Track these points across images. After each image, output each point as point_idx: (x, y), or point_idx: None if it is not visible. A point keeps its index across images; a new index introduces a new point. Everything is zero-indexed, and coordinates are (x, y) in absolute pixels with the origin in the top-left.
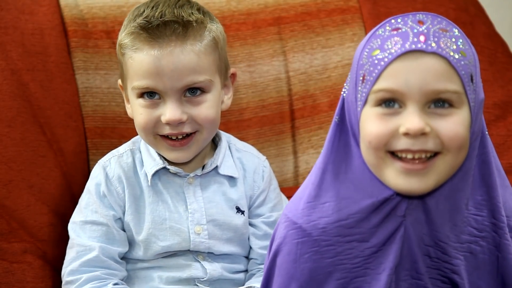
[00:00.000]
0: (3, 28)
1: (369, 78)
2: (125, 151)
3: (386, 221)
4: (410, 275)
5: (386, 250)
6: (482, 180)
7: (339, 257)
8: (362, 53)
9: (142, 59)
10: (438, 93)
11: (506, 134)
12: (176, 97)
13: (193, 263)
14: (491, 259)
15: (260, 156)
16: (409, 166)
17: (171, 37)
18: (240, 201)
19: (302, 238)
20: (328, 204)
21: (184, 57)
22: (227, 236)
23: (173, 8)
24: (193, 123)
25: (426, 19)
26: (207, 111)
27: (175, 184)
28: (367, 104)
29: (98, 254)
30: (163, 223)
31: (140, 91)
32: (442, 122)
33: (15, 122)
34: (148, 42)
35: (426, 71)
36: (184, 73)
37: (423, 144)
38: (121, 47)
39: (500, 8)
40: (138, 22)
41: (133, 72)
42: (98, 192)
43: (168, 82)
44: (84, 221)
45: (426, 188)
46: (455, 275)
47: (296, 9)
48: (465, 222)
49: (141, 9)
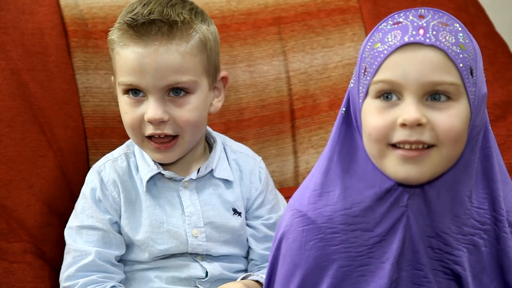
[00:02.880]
0: (3, 28)
1: (370, 70)
2: (120, 155)
3: (389, 211)
4: (412, 265)
5: (390, 240)
6: (484, 173)
7: (344, 245)
8: (365, 46)
9: (127, 56)
10: (435, 84)
11: (506, 134)
12: (159, 95)
13: (191, 263)
14: (492, 252)
15: (256, 157)
16: (406, 153)
17: (156, 36)
18: (236, 202)
19: (308, 225)
20: (333, 193)
21: (168, 56)
22: (224, 238)
23: (163, 7)
24: (175, 125)
25: (427, 14)
26: (189, 113)
27: (170, 188)
28: (368, 96)
29: (94, 258)
30: (160, 227)
31: (125, 87)
32: (439, 115)
33: (15, 122)
34: (134, 39)
35: (423, 63)
36: (167, 73)
37: (419, 135)
38: (110, 42)
39: (500, 8)
40: (126, 18)
41: (119, 68)
42: (93, 197)
43: (151, 80)
44: (80, 226)
45: (422, 176)
46: (458, 266)
47: (296, 9)
48: (468, 215)
49: (134, 6)
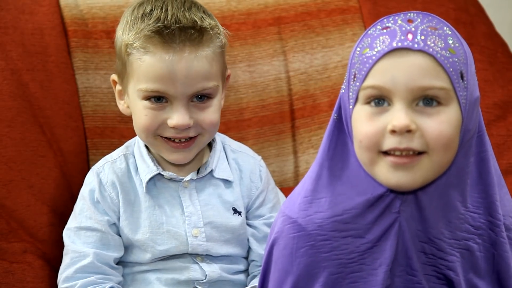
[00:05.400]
0: (3, 28)
1: (359, 76)
2: (119, 156)
3: (381, 217)
4: (405, 271)
5: (381, 246)
6: (479, 178)
7: (335, 252)
8: (355, 52)
9: (153, 63)
10: (424, 89)
11: (506, 134)
12: (184, 102)
13: (191, 265)
14: (487, 256)
15: (255, 156)
16: (396, 160)
17: (186, 43)
18: (236, 202)
19: (298, 232)
20: (324, 200)
21: (197, 63)
22: (225, 237)
23: (183, 12)
24: (198, 127)
25: (416, 18)
26: (212, 115)
27: (170, 189)
28: (358, 102)
29: (93, 260)
30: (160, 227)
31: (148, 94)
32: (428, 121)
33: (15, 122)
34: (162, 46)
35: (412, 68)
36: (196, 80)
37: (409, 142)
38: (128, 47)
39: (500, 8)
40: (150, 24)
41: (142, 74)
42: (92, 198)
43: (180, 87)
44: (78, 227)
45: (414, 182)
46: (451, 272)
47: (296, 9)
48: (462, 219)
49: (147, 8)
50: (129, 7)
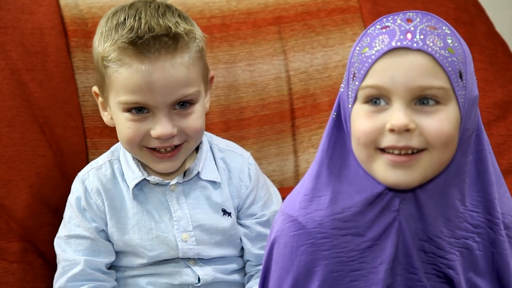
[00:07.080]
0: (3, 28)
1: (358, 75)
2: (104, 162)
3: (381, 215)
4: (405, 269)
5: (382, 244)
6: (478, 176)
7: (335, 250)
8: (354, 51)
9: (130, 74)
10: (423, 89)
11: (506, 134)
12: (166, 111)
13: (183, 270)
14: (486, 255)
15: (244, 154)
16: (395, 158)
17: (161, 51)
18: (225, 203)
19: (298, 230)
20: (324, 198)
21: (175, 71)
22: (215, 240)
23: (157, 18)
24: (182, 134)
25: (415, 17)
26: (196, 122)
27: (157, 193)
28: (357, 101)
29: (84, 267)
30: (149, 233)
31: (128, 106)
32: (427, 119)
33: (15, 122)
34: (137, 56)
35: (411, 67)
36: (175, 87)
37: (407, 141)
38: (104, 59)
39: (500, 8)
40: (124, 34)
41: (120, 87)
42: (79, 206)
43: (160, 97)
44: (68, 236)
45: (413, 181)
46: (451, 270)
47: (296, 8)
48: (461, 218)
49: (120, 17)
50: (104, 17)
